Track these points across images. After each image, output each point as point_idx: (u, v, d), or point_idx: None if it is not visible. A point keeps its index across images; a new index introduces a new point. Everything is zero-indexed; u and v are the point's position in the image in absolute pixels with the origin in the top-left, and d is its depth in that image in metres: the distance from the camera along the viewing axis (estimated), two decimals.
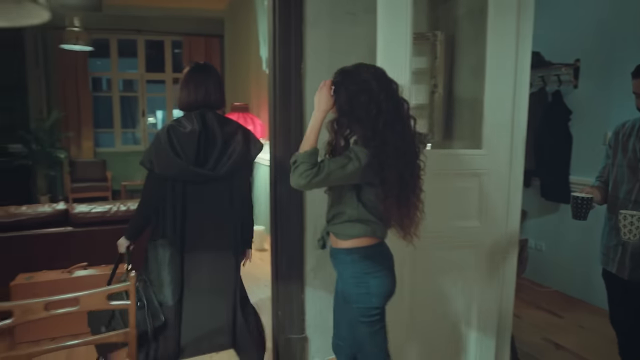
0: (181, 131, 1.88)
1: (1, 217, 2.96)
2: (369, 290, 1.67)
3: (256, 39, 5.31)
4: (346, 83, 1.59)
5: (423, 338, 2.21)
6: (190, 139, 1.88)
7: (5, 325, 1.33)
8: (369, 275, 1.67)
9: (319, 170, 1.52)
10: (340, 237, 1.69)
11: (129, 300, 1.44)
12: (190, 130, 1.89)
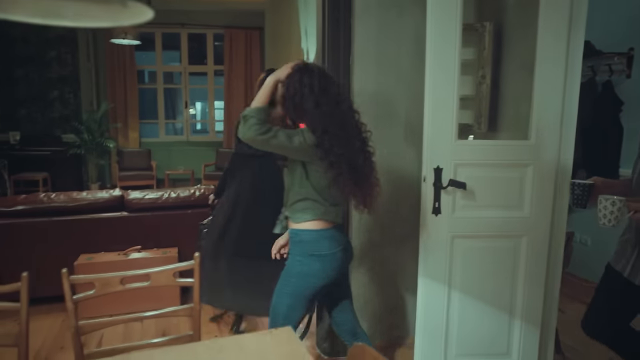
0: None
1: (65, 201, 3.17)
2: (310, 272, 1.78)
3: (297, 31, 5.37)
4: (297, 75, 1.74)
5: (466, 328, 2.24)
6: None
7: (87, 297, 1.46)
8: (313, 257, 1.77)
9: (268, 130, 1.66)
10: (293, 219, 1.81)
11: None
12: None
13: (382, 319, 2.70)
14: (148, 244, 3.28)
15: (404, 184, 2.59)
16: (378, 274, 2.65)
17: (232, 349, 1.31)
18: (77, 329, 1.44)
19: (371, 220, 2.57)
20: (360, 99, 2.44)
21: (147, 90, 8.58)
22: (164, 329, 2.94)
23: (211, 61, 7.62)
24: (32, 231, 3.12)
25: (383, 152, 2.54)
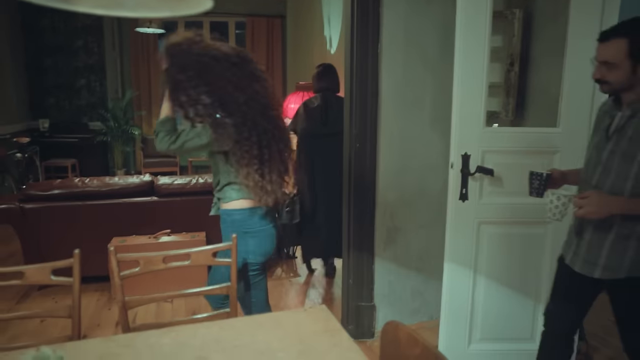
0: (310, 105, 3.23)
1: (98, 186, 3.28)
2: (247, 249, 1.85)
3: (320, 19, 5.38)
4: (172, 69, 1.73)
5: (491, 312, 2.28)
6: (316, 109, 3.20)
7: (132, 274, 1.55)
8: (248, 234, 1.84)
9: (177, 139, 1.73)
10: (223, 200, 1.88)
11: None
12: (317, 105, 3.22)
13: (406, 303, 2.75)
14: (177, 228, 3.38)
15: (429, 170, 2.62)
16: (403, 259, 2.70)
17: (270, 325, 1.38)
18: (123, 303, 1.53)
19: (396, 206, 2.61)
20: (387, 87, 2.47)
21: None
22: (194, 309, 3.05)
23: None
24: (67, 214, 3.24)
25: (410, 138, 2.58)
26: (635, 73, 1.50)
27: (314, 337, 1.31)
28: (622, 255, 1.59)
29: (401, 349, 1.28)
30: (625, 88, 1.55)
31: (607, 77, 1.54)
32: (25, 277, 1.44)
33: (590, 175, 1.68)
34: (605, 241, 1.62)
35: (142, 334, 1.33)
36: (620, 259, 1.60)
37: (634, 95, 1.55)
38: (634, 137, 1.53)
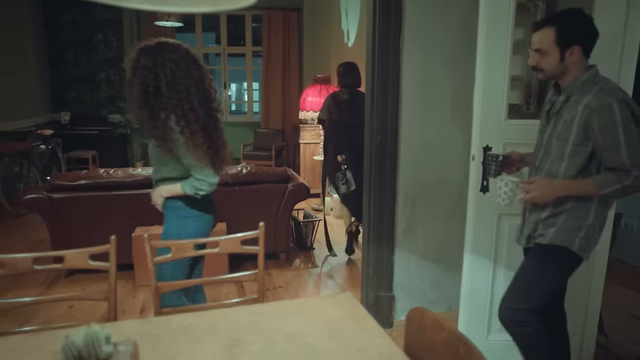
0: (338, 98, 3.71)
1: (122, 177, 3.36)
2: (186, 233, 1.92)
3: (337, 12, 5.39)
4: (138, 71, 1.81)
5: None
6: (344, 102, 3.66)
7: (164, 259, 1.61)
8: (189, 219, 1.95)
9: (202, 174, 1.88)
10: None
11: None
12: (345, 98, 3.66)
13: (425, 294, 2.79)
14: None
15: (449, 162, 2.64)
16: (422, 250, 2.73)
17: (297, 310, 1.43)
18: (156, 288, 1.59)
19: (416, 198, 2.64)
20: (408, 80, 2.49)
21: None
22: (214, 297, 3.12)
23: (249, 42, 7.72)
24: (93, 204, 3.33)
25: (431, 131, 2.60)
26: (564, 59, 1.61)
27: (342, 322, 1.36)
28: (549, 227, 1.74)
29: (427, 334, 1.32)
30: (558, 74, 1.66)
31: (541, 64, 1.65)
32: (65, 261, 1.51)
33: (535, 158, 1.80)
34: (537, 218, 1.78)
35: (176, 316, 1.39)
36: (547, 229, 1.74)
37: (567, 81, 1.65)
38: (568, 120, 1.63)
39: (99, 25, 7.03)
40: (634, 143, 1.54)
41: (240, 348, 1.21)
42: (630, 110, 1.55)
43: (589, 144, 1.61)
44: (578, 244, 1.71)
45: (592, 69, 1.64)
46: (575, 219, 1.70)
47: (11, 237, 4.24)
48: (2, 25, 5.63)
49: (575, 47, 1.59)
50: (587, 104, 1.58)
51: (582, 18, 1.61)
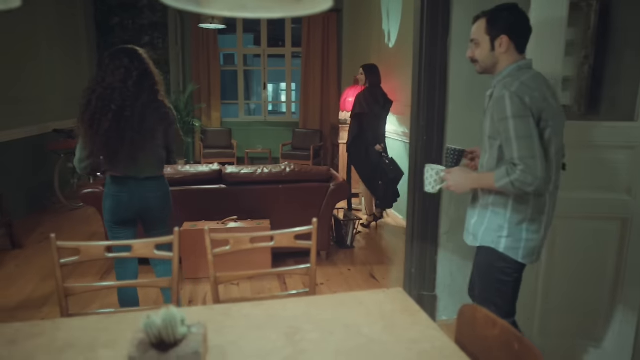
0: (373, 93, 4.41)
1: (171, 174, 3.51)
2: (105, 208, 2.30)
3: (378, 12, 5.41)
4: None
5: (553, 308, 2.27)
6: (380, 96, 4.41)
7: (223, 252, 1.69)
8: (106, 197, 2.30)
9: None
10: None
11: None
12: (381, 93, 4.43)
13: (467, 295, 2.78)
14: (242, 215, 3.56)
15: None
16: (465, 250, 2.72)
17: (352, 303, 1.48)
18: (215, 279, 1.68)
19: (462, 198, 2.64)
20: (456, 80, 2.50)
21: (224, 72, 9.02)
22: (259, 291, 3.22)
23: (289, 44, 7.84)
24: None
25: (478, 131, 2.59)
26: (494, 49, 1.65)
27: (395, 316, 1.40)
28: (481, 225, 1.75)
29: (478, 330, 1.35)
30: (491, 66, 1.69)
31: (475, 55, 1.70)
32: (134, 250, 1.62)
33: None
34: (474, 212, 1.80)
35: (236, 305, 1.47)
36: (479, 228, 1.76)
37: (496, 74, 1.70)
38: (491, 115, 1.64)
39: (146, 28, 7.31)
40: (522, 137, 1.53)
41: (300, 336, 1.27)
42: (523, 103, 1.54)
43: (498, 137, 1.62)
44: (505, 245, 1.68)
45: (518, 63, 1.65)
46: (496, 216, 1.70)
47: (68, 229, 4.49)
48: (62, 30, 5.95)
49: (503, 37, 1.63)
50: (492, 96, 1.66)
51: (512, 10, 1.65)
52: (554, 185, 1.68)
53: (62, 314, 1.60)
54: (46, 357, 1.17)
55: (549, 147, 1.59)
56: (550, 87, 1.66)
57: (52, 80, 5.66)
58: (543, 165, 1.53)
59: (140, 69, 2.17)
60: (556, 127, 1.62)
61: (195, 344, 1.10)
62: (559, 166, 1.71)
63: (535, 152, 1.53)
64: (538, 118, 1.56)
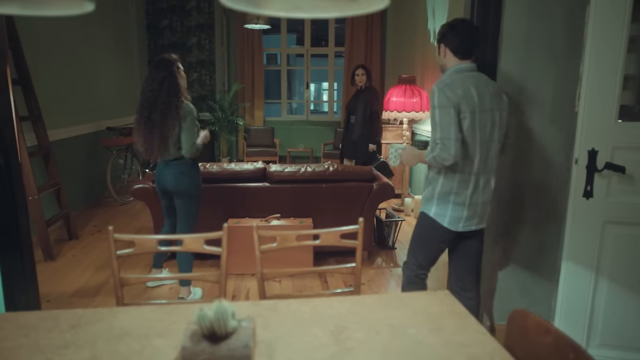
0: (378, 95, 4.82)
1: (218, 171, 3.60)
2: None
3: (423, 11, 5.34)
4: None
5: (614, 318, 2.17)
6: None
7: (270, 249, 1.72)
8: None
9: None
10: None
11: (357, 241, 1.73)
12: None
13: (513, 300, 2.70)
14: (285, 213, 3.60)
15: (546, 165, 2.54)
16: (512, 255, 2.65)
17: (397, 303, 1.47)
18: (261, 275, 1.71)
19: (509, 200, 2.57)
20: (505, 81, 2.43)
21: (267, 72, 9.15)
22: (300, 289, 3.25)
23: (332, 43, 7.86)
24: None
25: (527, 132, 2.51)
26: (440, 55, 2.08)
27: (442, 318, 1.38)
28: (424, 195, 2.18)
29: (530, 337, 1.30)
30: (442, 67, 2.10)
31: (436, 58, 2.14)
32: (184, 244, 1.68)
33: None
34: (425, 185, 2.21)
35: (283, 301, 1.49)
36: (424, 199, 2.17)
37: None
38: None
39: (193, 30, 7.54)
40: (443, 122, 1.94)
41: (345, 334, 1.28)
42: (446, 97, 1.93)
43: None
44: (434, 211, 2.11)
45: (457, 66, 2.03)
46: (432, 187, 2.11)
47: (118, 223, 4.70)
48: (116, 33, 6.23)
49: (442, 46, 2.06)
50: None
51: (451, 25, 2.05)
52: (477, 167, 2.02)
53: (117, 302, 1.68)
54: (105, 342, 1.23)
55: (468, 134, 1.96)
56: (482, 87, 1.99)
57: (107, 80, 5.94)
58: (457, 145, 1.92)
59: (160, 77, 2.73)
60: (476, 120, 1.96)
61: (245, 338, 1.13)
62: (488, 154, 2.04)
63: (451, 135, 1.91)
64: (458, 110, 1.93)
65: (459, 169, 2.00)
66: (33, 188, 3.66)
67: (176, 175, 2.89)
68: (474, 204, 2.06)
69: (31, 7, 0.99)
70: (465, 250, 2.22)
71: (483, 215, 2.13)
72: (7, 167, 2.33)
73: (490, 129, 2.00)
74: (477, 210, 2.08)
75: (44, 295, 2.98)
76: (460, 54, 2.02)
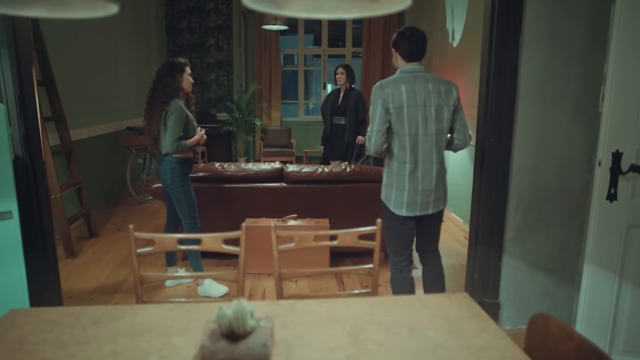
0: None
1: (235, 171, 3.63)
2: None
3: (441, 11, 5.29)
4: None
5: (637, 322, 2.12)
6: None
7: (287, 249, 1.73)
8: None
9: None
10: None
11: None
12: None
13: (533, 305, 2.66)
14: (302, 213, 3.61)
15: (568, 167, 2.49)
16: (532, 258, 2.61)
17: (416, 305, 1.46)
18: (279, 275, 1.72)
19: (529, 203, 2.53)
20: (527, 80, 2.40)
21: (284, 72, 9.18)
22: (316, 289, 3.25)
23: (349, 44, 7.85)
24: (209, 195, 3.63)
25: (549, 133, 2.47)
26: (395, 59, 2.39)
27: (461, 321, 1.37)
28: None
29: (551, 342, 1.28)
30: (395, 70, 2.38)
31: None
32: (202, 243, 1.70)
33: None
34: None
35: (301, 301, 1.49)
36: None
37: None
38: None
39: (211, 31, 7.60)
40: (372, 116, 2.24)
41: (364, 336, 1.28)
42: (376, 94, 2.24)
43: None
44: (383, 196, 2.40)
45: (402, 68, 2.33)
46: (384, 177, 2.40)
47: (137, 222, 4.76)
48: (136, 34, 6.33)
49: (394, 51, 2.36)
50: None
51: (399, 33, 2.34)
52: (410, 156, 2.25)
53: (137, 300, 1.70)
54: (126, 339, 1.25)
55: (397, 127, 2.23)
56: (412, 86, 2.22)
57: (127, 80, 6.03)
58: (377, 137, 2.23)
59: (159, 76, 2.94)
60: (404, 114, 2.21)
61: (264, 337, 1.13)
62: (420, 142, 2.25)
63: (374, 127, 2.24)
64: (385, 106, 2.21)
65: (396, 158, 2.28)
66: (56, 186, 3.74)
67: (162, 170, 3.01)
68: (414, 190, 2.28)
69: (57, 9, 1.01)
70: (423, 231, 2.46)
71: (427, 202, 2.30)
72: (32, 166, 2.38)
73: (423, 122, 2.23)
74: (417, 197, 2.28)
75: (65, 291, 3.04)
76: (407, 58, 2.30)
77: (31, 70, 2.41)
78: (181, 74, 2.94)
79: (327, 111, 5.13)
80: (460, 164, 4.77)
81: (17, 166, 2.31)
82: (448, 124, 2.28)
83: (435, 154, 2.27)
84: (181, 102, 2.94)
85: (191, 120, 3.01)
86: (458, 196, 4.76)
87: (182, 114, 2.91)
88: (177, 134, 2.89)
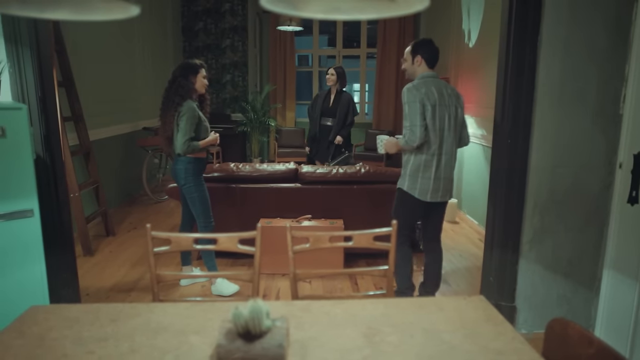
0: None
1: (250, 172, 3.65)
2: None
3: (457, 11, 5.25)
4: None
5: None
6: None
7: (302, 250, 1.73)
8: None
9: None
10: None
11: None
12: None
13: (550, 309, 2.62)
14: (316, 214, 3.61)
15: (587, 169, 2.45)
16: (550, 262, 2.57)
17: (432, 308, 1.45)
18: (294, 275, 1.72)
19: (547, 206, 2.49)
20: (545, 81, 2.37)
21: (298, 73, 9.20)
22: (330, 290, 3.25)
23: (364, 45, 7.83)
24: (223, 195, 3.66)
25: (567, 135, 2.43)
26: (414, 64, 2.65)
27: (477, 324, 1.35)
28: (401, 175, 2.76)
29: (570, 347, 1.26)
30: (412, 74, 2.69)
31: (404, 66, 2.73)
32: (218, 243, 1.71)
33: None
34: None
35: (316, 302, 1.50)
36: (400, 177, 2.76)
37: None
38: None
39: (227, 32, 7.66)
40: (411, 114, 2.52)
41: (379, 337, 1.27)
42: (412, 94, 2.52)
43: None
44: (407, 185, 2.66)
45: (424, 73, 2.62)
46: (404, 167, 2.68)
47: (153, 221, 4.82)
48: (153, 36, 6.41)
49: (418, 56, 2.62)
50: None
51: (425, 41, 2.66)
52: (437, 149, 2.57)
53: (154, 298, 1.72)
54: (143, 337, 1.27)
55: (430, 123, 2.52)
56: (439, 88, 2.57)
57: (144, 81, 6.11)
58: (421, 130, 2.50)
59: (173, 77, 2.98)
60: (436, 112, 2.53)
61: (279, 337, 1.14)
62: (445, 137, 2.58)
63: (417, 122, 2.49)
64: (422, 104, 2.50)
65: (424, 151, 2.56)
66: (75, 186, 3.80)
67: (176, 170, 3.08)
68: (438, 179, 2.60)
69: (80, 12, 1.03)
70: (432, 217, 2.78)
71: (447, 189, 2.66)
72: (52, 166, 2.43)
73: (448, 119, 2.57)
74: (440, 185, 2.61)
75: (83, 289, 3.09)
76: (430, 64, 2.62)
77: (52, 72, 2.46)
78: (195, 76, 2.97)
79: (315, 112, 5.13)
80: (475, 166, 4.73)
81: (38, 165, 2.35)
82: (460, 122, 2.65)
83: (455, 148, 2.64)
84: (194, 104, 2.96)
85: (203, 121, 3.03)
86: (473, 198, 4.71)
87: (194, 115, 2.93)
88: (188, 134, 2.92)
